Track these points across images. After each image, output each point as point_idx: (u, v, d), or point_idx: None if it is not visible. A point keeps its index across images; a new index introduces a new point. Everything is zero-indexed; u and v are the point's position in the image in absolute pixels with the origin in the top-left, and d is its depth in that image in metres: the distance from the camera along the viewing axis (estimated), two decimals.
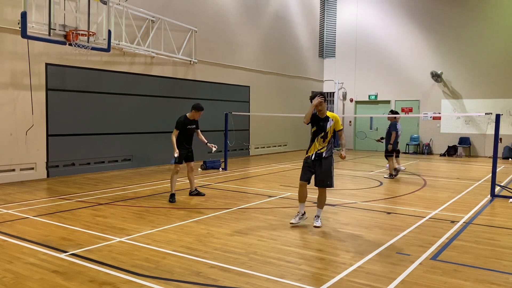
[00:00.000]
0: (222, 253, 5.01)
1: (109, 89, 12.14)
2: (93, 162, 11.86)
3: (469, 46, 18.53)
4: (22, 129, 10.15)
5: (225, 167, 12.76)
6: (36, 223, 6.35)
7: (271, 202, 8.12)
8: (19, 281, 4.13)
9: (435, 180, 11.17)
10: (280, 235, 5.81)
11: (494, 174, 8.59)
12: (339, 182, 11.15)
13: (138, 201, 8.04)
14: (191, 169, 8.44)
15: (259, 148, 18.28)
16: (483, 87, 18.32)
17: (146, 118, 13.08)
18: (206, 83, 15.35)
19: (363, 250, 5.19)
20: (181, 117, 8.19)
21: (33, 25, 8.73)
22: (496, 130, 8.49)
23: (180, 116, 8.21)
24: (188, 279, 4.20)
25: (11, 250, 5.02)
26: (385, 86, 20.70)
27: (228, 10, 16.25)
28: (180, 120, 8.14)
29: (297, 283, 4.14)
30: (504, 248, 5.31)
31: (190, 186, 8.60)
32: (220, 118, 14.11)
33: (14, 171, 10.11)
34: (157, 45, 13.15)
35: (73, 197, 8.27)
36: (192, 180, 8.54)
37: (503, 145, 17.28)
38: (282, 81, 19.52)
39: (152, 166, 13.13)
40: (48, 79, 10.63)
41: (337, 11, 22.26)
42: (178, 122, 8.13)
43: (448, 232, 6.01)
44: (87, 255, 4.86)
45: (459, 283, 4.17)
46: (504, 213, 7.37)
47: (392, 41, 20.42)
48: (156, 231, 5.92)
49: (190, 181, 8.55)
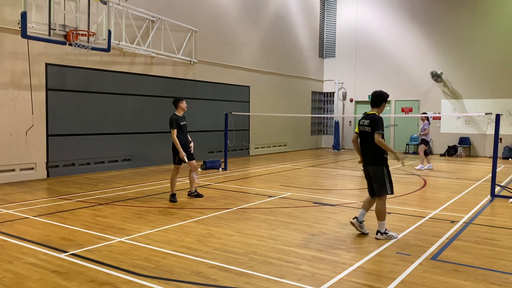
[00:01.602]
0: (222, 253, 5.01)
1: (109, 89, 12.14)
2: (93, 162, 11.86)
3: (469, 46, 18.53)
4: (22, 129, 10.15)
5: (225, 167, 12.76)
6: (36, 223, 6.35)
7: (271, 202, 8.12)
8: (19, 281, 4.13)
9: (435, 180, 11.17)
10: (280, 235, 5.81)
11: (494, 174, 8.58)
12: (339, 182, 11.16)
13: (138, 201, 8.04)
14: (194, 168, 8.17)
15: (259, 148, 18.28)
16: (483, 87, 18.32)
17: (146, 118, 13.08)
18: (206, 83, 15.35)
19: (363, 250, 5.19)
20: (173, 116, 7.91)
21: (33, 25, 8.72)
22: (496, 130, 8.49)
23: (171, 116, 7.93)
24: (188, 279, 4.20)
25: (11, 250, 5.02)
26: (385, 86, 20.48)
27: (228, 10, 16.25)
28: (174, 118, 7.86)
29: (297, 283, 4.14)
30: (504, 248, 5.31)
31: (190, 186, 8.37)
32: (220, 118, 14.12)
33: (14, 171, 10.11)
34: (157, 45, 13.15)
35: (73, 197, 8.27)
36: (193, 181, 8.30)
37: (503, 145, 17.27)
38: (282, 81, 19.52)
39: (152, 166, 13.13)
40: (48, 79, 10.64)
41: (337, 11, 22.26)
42: (173, 120, 7.85)
43: (448, 232, 6.01)
44: (87, 255, 4.86)
45: (459, 283, 4.17)
46: (504, 213, 7.37)
47: (392, 41, 20.42)
48: (156, 231, 5.92)
49: (190, 181, 8.33)
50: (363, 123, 5.79)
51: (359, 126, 5.87)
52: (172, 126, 7.81)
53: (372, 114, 5.78)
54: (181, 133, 7.93)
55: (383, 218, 5.66)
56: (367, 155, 5.81)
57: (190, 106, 8.80)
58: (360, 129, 5.84)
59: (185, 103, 8.14)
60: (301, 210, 7.38)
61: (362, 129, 5.81)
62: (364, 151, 5.85)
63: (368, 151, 5.78)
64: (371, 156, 5.75)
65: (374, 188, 5.78)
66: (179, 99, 8.12)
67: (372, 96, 5.98)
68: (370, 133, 5.65)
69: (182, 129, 7.95)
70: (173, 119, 7.86)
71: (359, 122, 5.91)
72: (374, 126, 5.62)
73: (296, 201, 8.23)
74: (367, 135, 5.71)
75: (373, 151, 5.70)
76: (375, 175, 5.73)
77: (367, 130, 5.71)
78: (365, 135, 5.75)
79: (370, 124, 5.66)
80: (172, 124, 7.82)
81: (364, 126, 5.76)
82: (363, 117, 5.89)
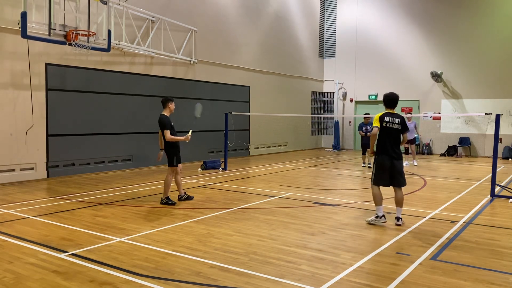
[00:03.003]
0: (222, 253, 5.01)
1: (109, 89, 12.14)
2: (93, 162, 11.86)
3: (469, 46, 18.53)
4: (22, 129, 10.15)
5: (225, 167, 12.75)
6: (36, 223, 6.35)
7: (271, 202, 8.12)
8: (19, 281, 4.13)
9: (435, 180, 11.17)
10: (280, 235, 5.81)
11: (494, 174, 8.58)
12: (339, 182, 11.16)
13: (138, 201, 8.03)
14: (180, 171, 7.97)
15: (259, 148, 18.29)
16: (483, 87, 18.32)
17: (146, 118, 13.07)
18: (206, 83, 15.35)
19: (363, 250, 5.19)
20: (164, 117, 7.60)
21: (33, 25, 8.73)
22: (496, 130, 8.49)
23: (162, 116, 7.62)
24: (188, 279, 4.20)
25: (11, 250, 5.02)
26: (385, 86, 20.63)
27: (228, 10, 16.25)
28: (167, 118, 7.59)
29: (297, 283, 4.14)
30: (504, 248, 5.31)
31: (179, 190, 8.02)
32: (220, 118, 14.11)
33: (14, 171, 10.11)
34: (157, 45, 13.15)
35: (73, 197, 8.27)
36: (180, 184, 7.98)
37: (503, 145, 17.27)
38: (282, 81, 19.52)
39: (152, 166, 13.13)
40: (48, 79, 10.64)
41: (337, 11, 22.26)
42: (166, 122, 7.54)
43: (448, 232, 6.01)
44: (87, 255, 4.86)
45: (459, 283, 4.17)
46: (504, 213, 7.37)
47: (392, 41, 20.42)
48: (156, 231, 5.92)
49: (178, 184, 7.95)
50: (391, 121, 6.40)
51: (386, 123, 6.38)
52: (166, 127, 7.54)
53: (397, 114, 6.51)
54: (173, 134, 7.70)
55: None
56: (396, 150, 6.38)
57: (190, 106, 8.78)
58: (388, 125, 6.37)
59: (174, 105, 7.87)
60: (301, 210, 7.38)
61: (390, 126, 6.37)
62: (390, 147, 6.36)
63: (397, 146, 6.42)
64: (400, 152, 6.43)
65: (400, 180, 6.38)
66: (169, 99, 7.81)
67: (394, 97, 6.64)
68: (400, 131, 6.40)
69: (173, 131, 7.72)
70: (166, 120, 7.57)
71: (384, 118, 6.41)
72: (404, 126, 6.44)
73: (296, 201, 8.23)
74: (397, 133, 6.41)
75: (399, 147, 6.44)
76: (402, 169, 6.44)
77: (397, 128, 6.39)
78: (395, 132, 6.40)
79: (401, 123, 6.41)
80: (166, 125, 7.54)
81: (394, 123, 6.40)
82: (388, 114, 6.45)
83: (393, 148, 6.35)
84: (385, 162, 6.34)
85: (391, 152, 6.33)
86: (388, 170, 6.34)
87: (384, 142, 6.38)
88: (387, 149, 6.34)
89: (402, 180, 6.39)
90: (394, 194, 6.47)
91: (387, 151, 6.34)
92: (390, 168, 6.33)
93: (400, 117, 6.47)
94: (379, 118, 6.43)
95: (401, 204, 6.42)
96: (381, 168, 6.37)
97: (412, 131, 14.13)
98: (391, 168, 6.33)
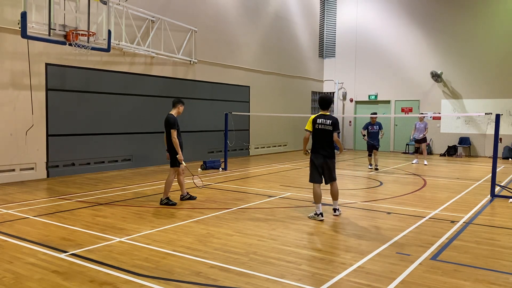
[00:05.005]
0: (222, 253, 5.01)
1: (109, 89, 12.14)
2: (93, 162, 11.87)
3: (469, 46, 18.53)
4: (22, 129, 10.15)
5: (225, 167, 12.75)
6: (36, 223, 6.35)
7: (271, 202, 8.12)
8: (19, 281, 4.13)
9: (435, 180, 11.17)
10: (280, 235, 5.81)
11: (494, 174, 8.58)
12: (339, 182, 11.13)
13: (138, 201, 8.03)
14: (183, 171, 7.94)
15: (259, 148, 18.29)
16: (483, 87, 18.32)
17: (146, 118, 13.08)
18: (206, 83, 15.35)
19: (363, 250, 5.19)
20: (172, 116, 7.60)
21: (33, 25, 8.73)
22: (496, 130, 8.49)
23: (169, 115, 7.62)
24: (188, 279, 4.20)
25: (11, 250, 5.02)
26: (385, 86, 20.70)
27: (228, 10, 16.25)
28: (174, 118, 7.57)
29: (297, 283, 4.14)
30: (504, 248, 5.31)
31: (181, 190, 8.04)
32: (220, 118, 14.12)
33: (14, 171, 10.12)
34: (157, 45, 13.15)
35: (73, 197, 8.27)
36: (183, 184, 7.98)
37: (503, 145, 17.27)
38: (282, 81, 19.53)
39: (152, 166, 13.13)
40: (48, 79, 10.64)
41: (337, 11, 22.26)
42: (173, 121, 7.50)
43: (448, 232, 6.01)
44: (87, 255, 4.86)
45: (459, 283, 4.17)
46: (504, 213, 7.37)
47: (392, 41, 20.42)
48: (156, 231, 5.92)
49: (181, 185, 7.97)
50: (323, 122, 6.77)
51: (318, 125, 6.77)
52: (173, 126, 7.50)
53: (330, 115, 6.86)
54: (179, 135, 7.70)
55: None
56: (327, 150, 6.81)
57: (190, 106, 8.80)
58: (320, 127, 6.77)
59: (183, 108, 7.91)
60: (301, 210, 7.38)
61: (323, 128, 6.76)
62: (322, 147, 6.79)
63: (330, 146, 6.81)
64: (332, 151, 6.86)
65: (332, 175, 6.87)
66: (181, 101, 7.87)
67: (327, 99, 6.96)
68: (332, 131, 6.78)
69: (179, 131, 7.72)
70: (174, 119, 7.54)
71: (316, 121, 6.80)
72: (335, 126, 6.80)
73: (296, 201, 8.23)
74: (330, 133, 6.78)
75: (332, 146, 6.84)
76: (334, 166, 6.92)
77: (329, 129, 6.77)
78: (327, 133, 6.79)
79: (332, 124, 6.77)
80: (173, 124, 7.50)
81: (325, 125, 6.77)
82: (321, 116, 6.82)
83: (325, 148, 6.79)
84: (318, 160, 6.80)
85: (323, 151, 6.79)
86: (322, 168, 6.80)
87: (317, 142, 6.83)
88: (320, 148, 6.80)
89: (334, 175, 6.88)
90: (330, 188, 6.92)
91: (319, 150, 6.80)
92: (323, 166, 6.80)
93: (333, 118, 6.84)
94: (312, 120, 6.85)
95: (336, 197, 6.95)
96: (315, 166, 6.83)
97: (423, 131, 14.90)
98: (324, 166, 6.80)
